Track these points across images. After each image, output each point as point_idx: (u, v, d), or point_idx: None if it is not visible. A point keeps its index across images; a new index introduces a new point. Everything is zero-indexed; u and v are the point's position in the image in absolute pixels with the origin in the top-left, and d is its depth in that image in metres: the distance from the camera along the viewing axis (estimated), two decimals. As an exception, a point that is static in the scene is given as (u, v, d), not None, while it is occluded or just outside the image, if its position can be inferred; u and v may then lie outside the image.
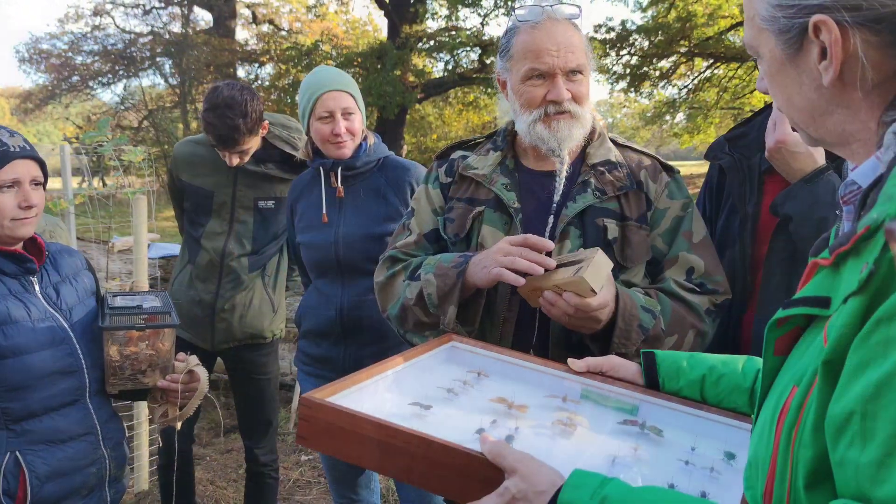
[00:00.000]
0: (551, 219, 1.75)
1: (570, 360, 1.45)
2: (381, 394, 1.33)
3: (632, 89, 19.48)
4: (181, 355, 2.06)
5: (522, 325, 1.73)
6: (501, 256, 1.59)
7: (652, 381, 1.38)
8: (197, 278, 2.96)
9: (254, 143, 2.84)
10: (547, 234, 1.74)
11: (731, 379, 1.31)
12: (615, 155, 1.82)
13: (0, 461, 1.78)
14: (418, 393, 1.33)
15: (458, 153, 1.95)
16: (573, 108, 1.72)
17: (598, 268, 1.52)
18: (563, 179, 1.77)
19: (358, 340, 2.51)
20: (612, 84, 19.44)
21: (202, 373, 2.08)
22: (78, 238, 5.04)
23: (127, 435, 2.13)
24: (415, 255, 1.90)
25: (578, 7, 1.74)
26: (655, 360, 1.39)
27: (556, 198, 1.77)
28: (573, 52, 1.70)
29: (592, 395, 1.39)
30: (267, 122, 2.89)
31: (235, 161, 2.82)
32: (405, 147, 19.72)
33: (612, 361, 1.43)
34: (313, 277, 2.63)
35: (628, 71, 19.07)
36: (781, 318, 0.81)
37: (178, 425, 2.16)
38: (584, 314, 1.54)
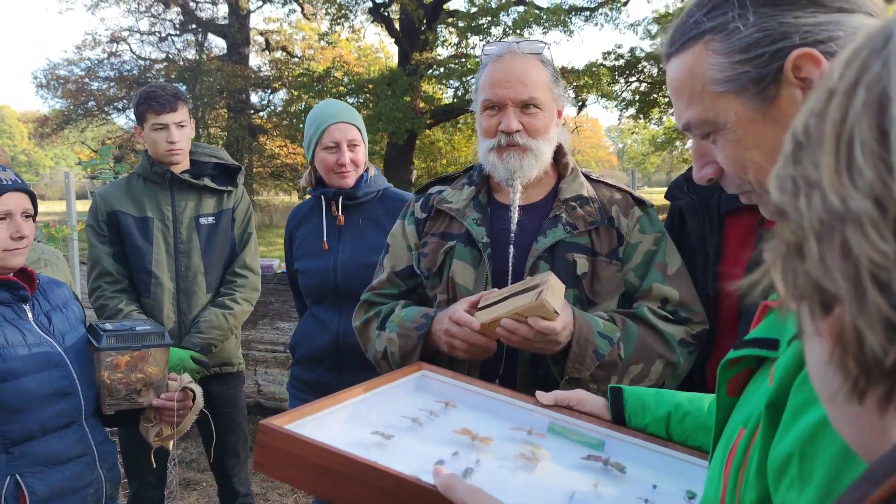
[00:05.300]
0: (511, 249, 1.77)
1: (538, 393, 1.44)
2: (344, 422, 1.31)
3: (640, 115, 19.54)
4: (173, 374, 2.11)
5: (489, 358, 1.71)
6: (445, 337, 1.66)
7: (618, 417, 1.37)
8: (155, 309, 2.87)
9: (187, 133, 2.89)
10: (510, 267, 1.76)
11: (697, 417, 1.30)
12: (587, 190, 1.82)
13: (0, 485, 1.81)
14: (382, 421, 1.31)
15: (436, 188, 1.97)
16: (524, 141, 1.73)
17: (554, 290, 1.55)
18: (517, 210, 1.79)
19: (352, 367, 2.50)
20: (621, 110, 19.52)
21: (197, 390, 2.13)
22: (81, 262, 5.08)
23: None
24: (387, 293, 1.93)
25: (544, 43, 1.77)
26: (622, 396, 1.38)
27: (513, 227, 1.78)
28: (526, 84, 1.71)
29: (559, 429, 1.37)
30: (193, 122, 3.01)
31: (177, 137, 2.82)
32: (415, 172, 19.80)
33: (579, 395, 1.42)
34: (310, 304, 2.65)
35: (637, 97, 19.14)
36: (733, 359, 0.80)
37: (171, 445, 2.19)
38: (546, 337, 1.55)
